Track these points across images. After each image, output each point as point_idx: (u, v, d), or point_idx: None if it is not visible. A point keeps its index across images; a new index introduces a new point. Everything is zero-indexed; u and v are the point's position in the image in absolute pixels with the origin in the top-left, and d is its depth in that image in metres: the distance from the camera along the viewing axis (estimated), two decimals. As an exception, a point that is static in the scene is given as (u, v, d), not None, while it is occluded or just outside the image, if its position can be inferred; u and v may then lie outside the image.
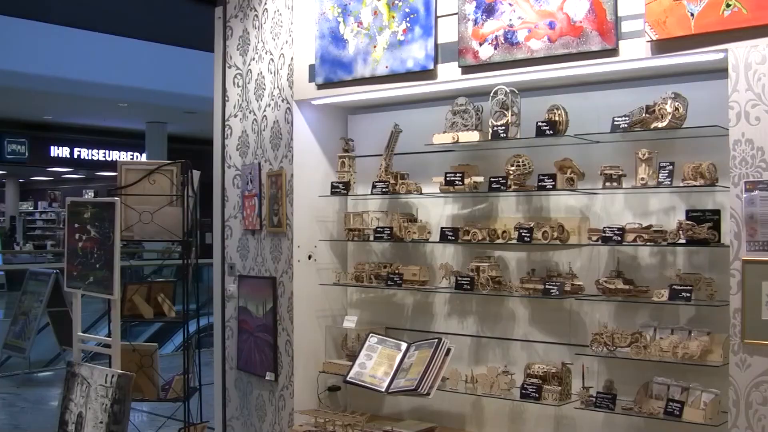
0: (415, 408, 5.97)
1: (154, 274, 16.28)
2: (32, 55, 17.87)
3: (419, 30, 5.36)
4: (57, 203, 38.87)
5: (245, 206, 6.60)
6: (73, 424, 6.07)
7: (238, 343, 6.68)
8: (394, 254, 6.15)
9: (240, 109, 6.70)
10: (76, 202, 6.36)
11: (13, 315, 12.31)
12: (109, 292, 6.01)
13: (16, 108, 23.47)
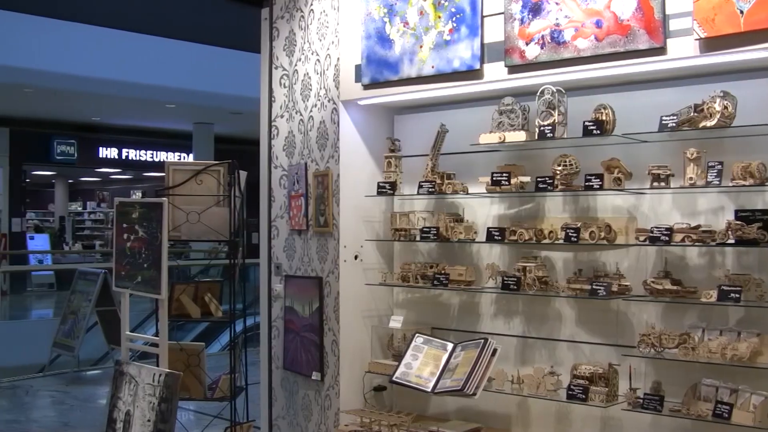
0: (461, 408, 5.96)
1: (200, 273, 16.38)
2: (81, 58, 18.05)
3: (465, 30, 5.35)
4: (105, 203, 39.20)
5: (292, 206, 6.62)
6: (121, 422, 6.13)
7: (285, 342, 6.71)
8: (441, 254, 6.14)
9: (286, 110, 6.72)
10: (124, 203, 6.41)
11: (62, 314, 12.44)
12: (156, 292, 6.05)
13: (65, 109, 23.73)
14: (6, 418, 9.54)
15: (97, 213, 39.58)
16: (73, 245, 33.57)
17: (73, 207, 40.45)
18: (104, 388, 10.70)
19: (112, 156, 28.46)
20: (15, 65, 17.46)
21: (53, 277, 23.67)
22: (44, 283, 23.74)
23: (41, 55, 17.65)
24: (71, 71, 18.15)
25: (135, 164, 29.33)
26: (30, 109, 23.39)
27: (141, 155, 28.97)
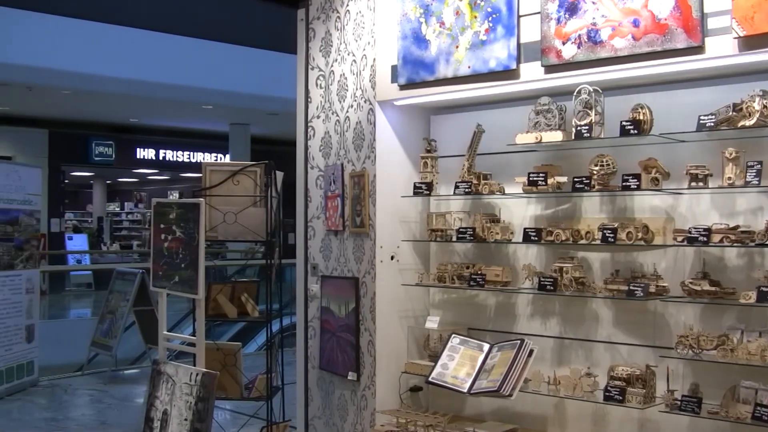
0: (497, 409, 5.95)
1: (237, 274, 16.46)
2: (119, 59, 18.19)
3: (501, 30, 5.34)
4: (143, 204, 39.45)
5: (328, 207, 6.63)
6: (158, 421, 6.16)
7: (321, 342, 6.72)
8: (477, 255, 6.13)
9: (323, 111, 6.73)
10: (161, 203, 6.44)
11: (100, 314, 12.53)
12: (193, 292, 6.07)
13: (102, 111, 23.91)
14: (45, 416, 9.62)
15: (134, 213, 39.86)
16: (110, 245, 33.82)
17: (110, 207, 40.75)
18: (141, 387, 10.76)
19: (149, 157, 28.65)
20: (53, 67, 17.63)
21: (91, 277, 23.86)
22: (82, 282, 23.94)
23: (79, 57, 17.82)
24: (109, 73, 18.30)
25: (172, 165, 29.52)
26: (68, 110, 23.61)
27: (178, 156, 29.14)
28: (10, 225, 10.74)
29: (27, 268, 10.96)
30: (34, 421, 9.38)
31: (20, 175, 10.97)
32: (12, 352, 10.60)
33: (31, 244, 11.13)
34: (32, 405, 10.17)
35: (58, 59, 17.61)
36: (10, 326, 10.55)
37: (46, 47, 17.40)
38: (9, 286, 10.59)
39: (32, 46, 17.25)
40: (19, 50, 17.11)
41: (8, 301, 10.55)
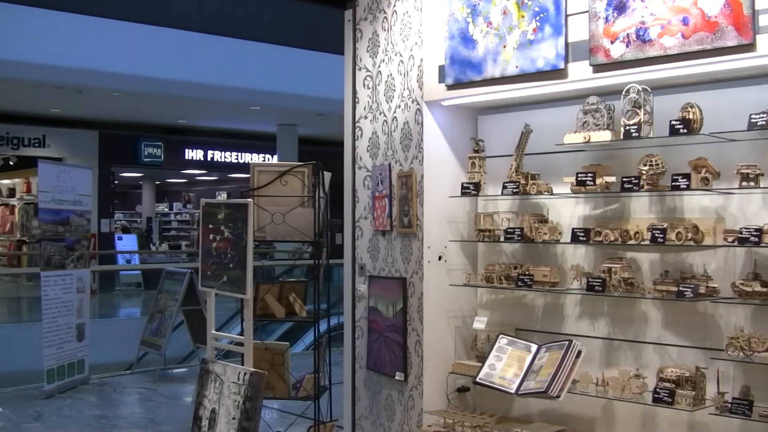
0: (545, 410, 5.92)
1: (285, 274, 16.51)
2: (168, 61, 18.34)
3: (549, 29, 5.31)
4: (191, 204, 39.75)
5: (376, 207, 6.64)
6: (206, 419, 6.20)
7: (368, 342, 6.73)
8: (525, 255, 6.10)
9: (370, 111, 6.74)
10: (210, 204, 6.49)
11: (149, 313, 12.62)
12: (242, 292, 6.11)
13: (152, 112, 24.12)
14: (95, 413, 9.72)
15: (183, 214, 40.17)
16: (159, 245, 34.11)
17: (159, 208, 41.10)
18: (190, 386, 10.84)
19: (197, 158, 28.85)
20: (104, 70, 17.79)
21: (140, 277, 24.06)
22: (132, 282, 24.14)
23: (129, 59, 17.98)
24: (158, 75, 18.45)
25: (220, 166, 29.70)
26: (118, 112, 23.83)
27: (226, 157, 29.32)
28: (62, 225, 10.86)
29: (78, 268, 11.07)
30: (85, 418, 9.48)
31: (71, 176, 11.09)
32: (63, 350, 10.72)
33: (81, 244, 11.25)
34: (83, 402, 10.28)
35: (108, 62, 17.79)
36: (61, 325, 10.67)
37: (97, 50, 17.58)
38: (60, 286, 10.71)
39: (83, 49, 17.44)
40: (71, 53, 17.31)
41: (60, 301, 10.67)
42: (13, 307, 22.08)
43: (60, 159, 23.62)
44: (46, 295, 10.48)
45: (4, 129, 24.47)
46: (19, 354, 13.24)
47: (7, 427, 9.19)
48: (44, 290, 10.49)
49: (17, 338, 14.90)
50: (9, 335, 15.65)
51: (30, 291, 21.25)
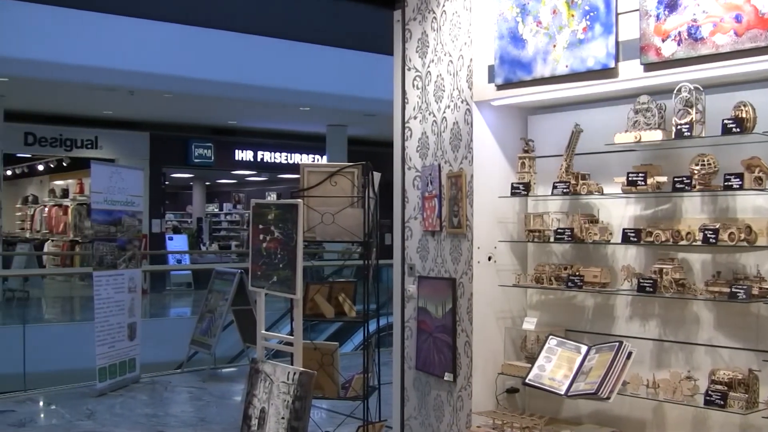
0: (594, 412, 5.88)
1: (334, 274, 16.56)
2: (217, 63, 18.47)
3: (599, 28, 5.28)
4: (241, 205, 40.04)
5: (425, 207, 6.64)
6: (256, 419, 6.23)
7: (417, 343, 6.73)
8: (575, 255, 6.07)
9: (419, 111, 6.74)
10: (260, 204, 6.52)
11: (199, 313, 12.71)
12: (291, 292, 6.14)
13: (202, 114, 24.32)
14: (146, 412, 9.81)
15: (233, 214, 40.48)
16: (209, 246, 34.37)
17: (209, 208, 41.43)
18: (239, 386, 10.89)
19: (247, 158, 29.05)
20: (155, 72, 17.97)
21: (191, 277, 24.26)
22: (182, 282, 24.36)
23: (180, 61, 18.15)
24: (208, 76, 18.61)
25: (270, 166, 29.88)
26: (169, 113, 24.06)
27: (276, 157, 29.48)
28: (114, 226, 10.97)
29: (129, 268, 11.18)
30: (136, 416, 9.56)
31: (123, 176, 11.20)
32: (115, 349, 10.82)
33: (133, 244, 11.35)
34: (134, 401, 10.37)
35: (159, 64, 17.98)
36: (113, 324, 10.78)
37: (149, 52, 17.76)
38: (112, 285, 10.81)
39: (135, 51, 17.63)
40: (123, 56, 17.50)
41: (112, 300, 10.78)
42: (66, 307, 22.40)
43: (112, 160, 23.91)
44: (98, 295, 10.59)
45: (57, 131, 24.81)
46: (72, 352, 13.43)
47: (60, 424, 9.31)
48: (96, 290, 10.59)
49: (70, 337, 15.09)
50: (62, 334, 15.86)
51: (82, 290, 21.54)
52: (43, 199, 31.28)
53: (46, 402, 10.52)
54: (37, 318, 18.91)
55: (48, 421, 9.66)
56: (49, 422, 9.60)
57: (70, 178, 29.57)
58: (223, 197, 43.00)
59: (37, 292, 22.31)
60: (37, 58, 16.84)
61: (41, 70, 17.28)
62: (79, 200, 28.04)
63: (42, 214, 29.96)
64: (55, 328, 17.44)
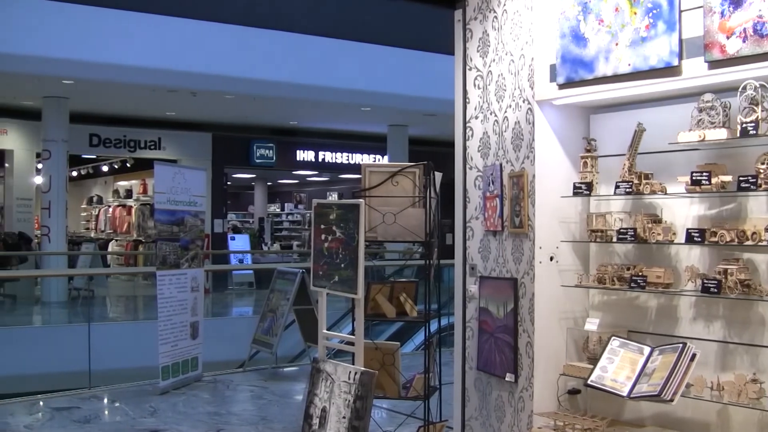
0: (657, 414, 5.82)
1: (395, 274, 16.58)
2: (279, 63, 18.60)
3: (662, 25, 5.22)
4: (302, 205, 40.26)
5: (487, 207, 6.62)
6: (317, 418, 6.26)
7: (479, 343, 6.71)
8: (638, 256, 6.01)
9: (481, 111, 6.73)
10: (322, 204, 6.55)
11: (261, 312, 12.78)
12: (353, 292, 6.15)
13: (263, 114, 24.51)
14: (208, 410, 9.89)
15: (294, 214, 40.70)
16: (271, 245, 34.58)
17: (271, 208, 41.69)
18: (301, 385, 10.95)
19: (309, 158, 29.20)
20: (216, 73, 18.14)
21: (252, 276, 24.42)
22: (244, 281, 24.53)
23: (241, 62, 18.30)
24: (270, 77, 18.76)
25: (331, 166, 30.01)
26: (231, 114, 24.25)
27: (337, 157, 29.60)
28: (177, 226, 11.08)
29: (192, 267, 11.28)
30: (198, 414, 9.65)
31: (185, 177, 11.30)
32: (178, 348, 10.93)
33: (196, 244, 11.46)
34: (196, 399, 10.47)
35: (221, 65, 18.15)
36: (176, 323, 10.89)
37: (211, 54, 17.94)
38: (175, 285, 10.92)
39: (197, 52, 17.81)
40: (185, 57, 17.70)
41: (175, 299, 10.89)
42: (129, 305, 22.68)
43: (175, 161, 24.17)
44: (161, 294, 10.71)
45: (121, 132, 25.15)
46: (136, 351, 13.59)
47: (123, 421, 9.42)
48: (160, 289, 10.71)
49: (134, 336, 15.30)
50: (126, 333, 16.09)
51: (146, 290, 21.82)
52: (108, 200, 31.70)
53: (110, 399, 10.65)
54: (102, 316, 19.16)
55: (112, 418, 9.78)
56: (113, 419, 9.73)
57: (133, 179, 29.94)
58: (285, 197, 43.25)
59: (101, 291, 22.64)
60: (101, 61, 17.10)
61: (106, 73, 17.54)
62: (142, 200, 28.38)
63: (106, 214, 30.36)
64: (119, 327, 17.69)
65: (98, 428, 9.13)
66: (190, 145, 25.93)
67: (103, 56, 17.08)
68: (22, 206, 24.50)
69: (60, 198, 20.95)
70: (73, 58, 16.90)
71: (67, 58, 16.87)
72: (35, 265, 22.42)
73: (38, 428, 9.13)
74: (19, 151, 24.18)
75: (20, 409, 10.06)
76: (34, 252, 22.51)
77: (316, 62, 19.21)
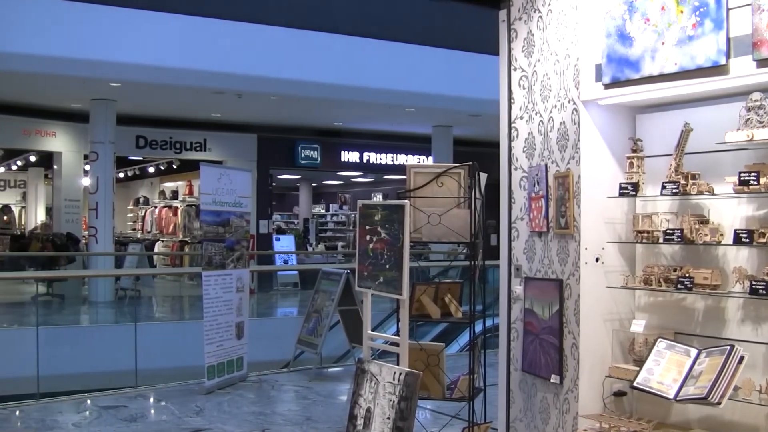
0: (704, 417, 5.76)
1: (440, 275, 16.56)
2: (323, 65, 18.67)
3: (710, 24, 5.17)
4: (347, 206, 40.33)
5: (532, 208, 6.59)
6: (361, 418, 6.26)
7: (524, 344, 6.68)
8: (684, 257, 5.95)
9: (526, 111, 6.70)
10: (367, 205, 6.55)
11: (306, 313, 12.81)
12: (398, 292, 6.15)
13: (308, 115, 24.58)
14: (253, 410, 9.93)
15: (339, 215, 40.80)
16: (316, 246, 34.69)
17: (316, 209, 41.80)
18: (345, 385, 10.97)
19: (353, 159, 29.24)
20: (261, 74, 18.24)
21: (297, 277, 24.51)
22: (289, 282, 24.63)
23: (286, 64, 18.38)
24: (315, 78, 18.83)
25: (375, 167, 30.03)
26: (276, 116, 24.36)
27: (381, 158, 29.62)
28: (222, 226, 11.14)
29: (237, 268, 11.34)
30: (243, 414, 9.70)
31: (231, 178, 11.36)
32: (223, 348, 10.99)
33: (241, 244, 11.52)
34: (241, 399, 10.52)
35: (266, 67, 18.24)
36: (222, 323, 10.95)
37: (256, 56, 18.04)
38: (221, 285, 10.98)
39: (242, 54, 17.92)
40: (230, 59, 17.81)
41: (220, 299, 10.95)
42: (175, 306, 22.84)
43: (220, 162, 24.34)
44: (207, 294, 10.77)
45: (167, 134, 25.34)
46: (181, 350, 13.71)
47: (169, 420, 9.49)
48: (205, 289, 10.78)
49: (179, 335, 15.41)
50: (172, 332, 16.21)
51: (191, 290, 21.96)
52: (154, 201, 31.98)
53: (156, 398, 10.74)
54: (148, 316, 19.34)
55: (158, 417, 9.86)
56: (159, 418, 9.80)
57: (179, 180, 30.18)
58: (330, 198, 43.36)
59: (148, 291, 22.82)
60: (148, 63, 17.26)
61: (152, 75, 17.70)
62: (188, 201, 28.59)
63: (152, 215, 30.62)
64: (165, 327, 17.83)
65: (144, 427, 9.21)
66: (235, 147, 26.07)
67: (149, 59, 17.23)
68: (70, 207, 24.75)
69: (107, 199, 21.15)
70: (121, 60, 17.07)
71: (114, 60, 17.04)
72: (83, 266, 22.66)
73: (86, 426, 9.22)
74: (67, 153, 24.43)
75: (68, 407, 10.17)
76: (81, 252, 22.75)
77: (360, 63, 19.25)
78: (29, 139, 23.75)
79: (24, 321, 17.57)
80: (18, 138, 23.60)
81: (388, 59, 19.60)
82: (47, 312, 18.81)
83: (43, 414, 9.70)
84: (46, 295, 20.29)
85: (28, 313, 18.39)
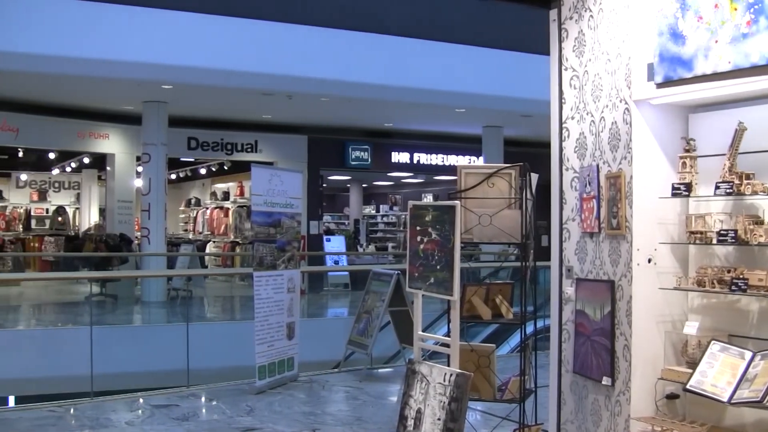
0: (759, 421, 5.68)
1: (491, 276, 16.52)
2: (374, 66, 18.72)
3: (765, 21, 5.09)
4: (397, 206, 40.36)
5: (583, 209, 6.55)
6: (412, 419, 6.26)
7: (575, 346, 6.64)
8: (738, 258, 5.88)
9: (577, 111, 6.66)
10: (417, 206, 6.55)
11: (356, 313, 12.83)
12: (449, 293, 6.15)
13: (359, 116, 24.63)
14: (303, 410, 9.96)
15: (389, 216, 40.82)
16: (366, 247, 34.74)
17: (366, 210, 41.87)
18: (395, 386, 10.96)
19: (403, 160, 29.23)
20: (312, 76, 18.30)
21: (348, 278, 24.55)
22: (339, 283, 24.67)
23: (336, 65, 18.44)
24: (365, 80, 18.86)
25: (426, 168, 30.00)
26: (326, 117, 24.42)
27: (431, 159, 29.59)
28: (273, 227, 11.18)
29: (288, 268, 11.38)
30: (294, 414, 9.73)
31: (282, 179, 11.41)
32: (274, 348, 11.03)
33: (292, 245, 11.56)
34: (292, 399, 10.55)
35: (316, 68, 18.30)
36: (273, 324, 10.99)
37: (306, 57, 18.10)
38: (272, 285, 11.03)
39: (292, 56, 17.99)
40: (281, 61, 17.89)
41: (271, 300, 10.99)
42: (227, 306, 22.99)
43: (271, 163, 24.44)
44: (258, 295, 10.82)
45: (219, 135, 25.50)
46: (233, 350, 13.78)
47: (221, 419, 9.55)
48: (257, 290, 10.83)
49: (231, 335, 15.49)
50: (223, 332, 16.30)
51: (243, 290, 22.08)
52: (205, 202, 32.17)
53: (207, 398, 10.80)
54: (200, 316, 19.46)
55: (209, 416, 9.91)
56: (210, 417, 9.86)
57: (230, 181, 30.34)
58: (380, 199, 43.41)
59: (199, 292, 22.98)
60: (199, 65, 17.38)
61: (203, 77, 17.83)
62: (239, 202, 28.74)
63: (204, 216, 30.81)
64: (217, 327, 17.93)
65: (196, 426, 9.27)
66: (286, 148, 26.18)
67: (200, 61, 17.35)
68: (122, 208, 25.01)
69: (159, 200, 21.33)
70: (172, 63, 17.21)
71: (166, 63, 17.18)
72: (135, 266, 22.87)
73: (138, 425, 9.30)
74: (120, 155, 24.68)
75: (121, 406, 10.27)
76: (134, 253, 22.96)
77: (410, 64, 19.25)
78: (83, 141, 24.02)
79: (78, 320, 17.79)
80: (72, 140, 23.88)
81: (437, 60, 19.58)
82: (101, 312, 18.99)
83: (96, 412, 9.80)
84: (100, 295, 20.49)
85: (82, 312, 18.62)
